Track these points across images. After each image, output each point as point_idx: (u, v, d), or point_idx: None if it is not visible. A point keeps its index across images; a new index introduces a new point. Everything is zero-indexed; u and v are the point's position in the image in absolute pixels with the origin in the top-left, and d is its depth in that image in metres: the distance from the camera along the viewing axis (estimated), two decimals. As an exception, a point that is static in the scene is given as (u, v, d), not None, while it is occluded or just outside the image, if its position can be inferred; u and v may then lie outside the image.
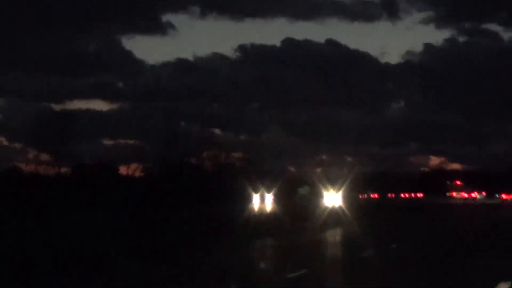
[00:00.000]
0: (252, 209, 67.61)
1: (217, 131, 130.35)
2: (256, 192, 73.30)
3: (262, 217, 63.25)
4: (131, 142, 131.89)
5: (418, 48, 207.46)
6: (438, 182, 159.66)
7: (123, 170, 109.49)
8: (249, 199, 73.45)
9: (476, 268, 29.06)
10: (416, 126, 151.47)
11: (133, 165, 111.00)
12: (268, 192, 74.41)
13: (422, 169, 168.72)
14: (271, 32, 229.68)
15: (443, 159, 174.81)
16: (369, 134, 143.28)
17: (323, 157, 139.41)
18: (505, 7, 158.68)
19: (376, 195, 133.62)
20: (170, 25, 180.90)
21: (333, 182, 78.29)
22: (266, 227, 49.42)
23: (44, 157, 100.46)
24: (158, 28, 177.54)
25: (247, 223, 52.69)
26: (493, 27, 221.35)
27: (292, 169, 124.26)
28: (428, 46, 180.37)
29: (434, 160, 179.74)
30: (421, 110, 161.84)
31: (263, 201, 73.17)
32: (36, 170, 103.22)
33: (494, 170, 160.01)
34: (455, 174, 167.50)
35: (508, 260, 32.26)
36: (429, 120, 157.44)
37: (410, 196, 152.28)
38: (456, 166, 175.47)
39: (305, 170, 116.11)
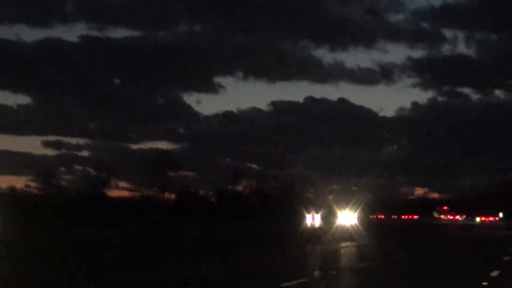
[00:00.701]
0: (306, 224, 71.89)
1: (254, 165, 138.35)
2: (308, 212, 76.74)
3: (315, 230, 66.05)
4: (189, 174, 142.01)
5: (408, 105, 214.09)
6: (426, 207, 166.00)
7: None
8: (302, 217, 76.58)
9: (470, 257, 37.89)
10: (405, 163, 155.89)
11: (205, 191, 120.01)
12: (317, 213, 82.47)
13: (409, 197, 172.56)
14: (296, 91, 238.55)
15: (426, 189, 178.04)
16: (369, 170, 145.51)
17: (334, 186, 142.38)
18: (474, 74, 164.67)
19: (383, 216, 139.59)
20: (220, 85, 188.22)
21: (345, 205, 79.73)
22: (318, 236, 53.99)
23: (124, 184, 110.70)
24: (211, 88, 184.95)
25: (307, 233, 58.68)
26: (465, 90, 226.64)
27: (311, 196, 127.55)
28: (415, 104, 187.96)
29: (419, 191, 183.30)
30: (409, 151, 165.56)
31: (313, 219, 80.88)
32: (120, 195, 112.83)
33: (466, 199, 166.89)
34: (435, 202, 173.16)
35: (483, 252, 43.28)
36: (415, 159, 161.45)
37: (409, 218, 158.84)
38: (435, 195, 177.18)
39: (321, 197, 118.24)
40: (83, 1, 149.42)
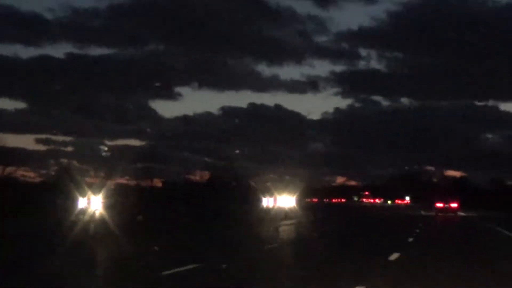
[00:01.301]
0: (263, 207, 70.42)
1: (207, 159, 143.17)
2: (264, 196, 75.33)
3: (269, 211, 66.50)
4: (153, 165, 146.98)
5: (331, 110, 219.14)
6: (348, 192, 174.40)
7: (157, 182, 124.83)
8: (259, 201, 74.45)
9: (385, 226, 45.77)
10: (328, 157, 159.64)
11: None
12: (270, 197, 75.18)
13: (332, 184, 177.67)
14: (240, 99, 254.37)
15: (345, 178, 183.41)
16: (299, 162, 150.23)
17: (271, 175, 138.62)
18: (384, 85, 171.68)
19: (316, 200, 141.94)
20: (179, 94, 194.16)
21: (284, 191, 76.49)
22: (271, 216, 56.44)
23: (100, 174, 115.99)
24: (172, 96, 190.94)
25: (264, 213, 61.16)
26: (377, 97, 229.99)
27: (253, 183, 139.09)
28: (337, 109, 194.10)
29: (339, 179, 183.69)
30: (331, 147, 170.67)
31: (268, 202, 77.21)
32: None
33: (377, 185, 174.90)
34: (353, 188, 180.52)
35: (405, 221, 52.26)
36: (335, 153, 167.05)
37: (338, 201, 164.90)
38: (353, 183, 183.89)
39: (263, 185, 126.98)
40: (68, 26, 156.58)
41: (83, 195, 42.00)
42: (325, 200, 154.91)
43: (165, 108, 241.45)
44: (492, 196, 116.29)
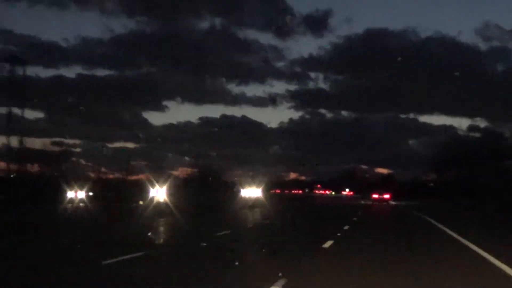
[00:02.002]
0: (241, 196, 72.95)
1: (186, 158, 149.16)
2: (243, 188, 77.66)
3: (247, 200, 68.74)
4: (144, 163, 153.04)
5: (286, 120, 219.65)
6: (302, 185, 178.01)
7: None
8: (238, 192, 77.61)
9: (336, 214, 45.73)
10: (283, 157, 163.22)
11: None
12: (243, 189, 77.61)
13: (286, 179, 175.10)
14: (215, 111, 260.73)
15: (297, 174, 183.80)
16: (261, 163, 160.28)
17: (239, 171, 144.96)
18: (328, 101, 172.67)
19: (279, 191, 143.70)
20: (166, 107, 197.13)
21: (251, 184, 78.65)
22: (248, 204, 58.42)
23: (104, 169, 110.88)
24: (160, 108, 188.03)
25: (243, 201, 64.17)
26: (323, 111, 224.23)
27: (229, 178, 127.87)
28: (291, 120, 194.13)
29: (292, 175, 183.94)
30: (286, 149, 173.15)
31: (243, 193, 75.73)
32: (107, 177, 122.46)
33: (323, 180, 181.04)
34: (304, 182, 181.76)
35: (342, 208, 55.55)
36: (289, 154, 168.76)
37: (298, 192, 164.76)
38: (303, 177, 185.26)
39: (233, 179, 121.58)
40: (79, 52, 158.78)
41: (153, 187, 54.83)
42: (286, 191, 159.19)
43: (155, 118, 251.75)
44: (412, 189, 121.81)
